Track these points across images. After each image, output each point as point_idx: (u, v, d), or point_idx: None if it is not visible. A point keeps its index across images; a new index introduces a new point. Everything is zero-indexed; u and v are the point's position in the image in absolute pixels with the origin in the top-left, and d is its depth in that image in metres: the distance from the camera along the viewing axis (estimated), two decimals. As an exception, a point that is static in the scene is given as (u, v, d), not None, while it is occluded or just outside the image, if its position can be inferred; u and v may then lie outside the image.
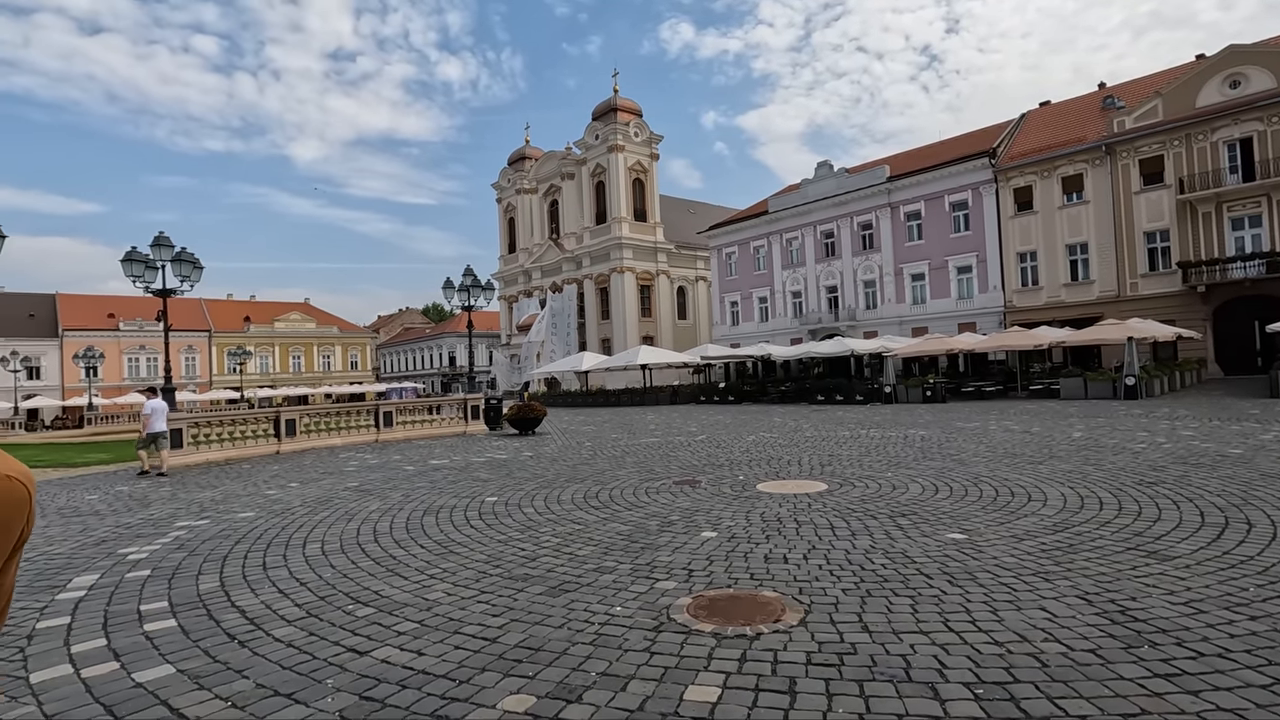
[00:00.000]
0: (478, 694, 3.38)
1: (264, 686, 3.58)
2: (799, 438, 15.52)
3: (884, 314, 41.21)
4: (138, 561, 6.43)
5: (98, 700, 3.50)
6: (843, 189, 43.33)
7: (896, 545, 5.80)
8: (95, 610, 4.99)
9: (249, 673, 3.76)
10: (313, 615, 4.68)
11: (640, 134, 60.31)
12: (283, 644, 4.17)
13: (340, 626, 4.43)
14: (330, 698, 3.41)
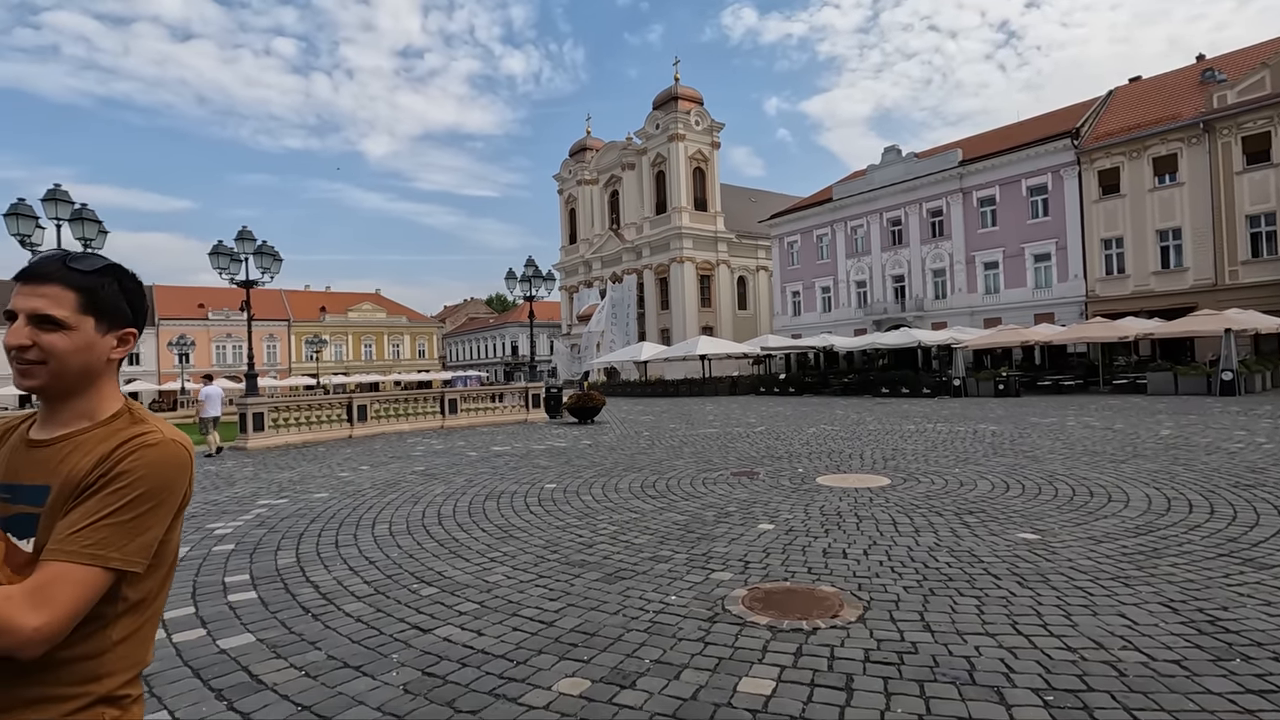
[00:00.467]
0: (534, 675, 3.46)
1: (334, 658, 3.76)
2: (861, 431, 15.15)
3: (954, 304, 39.60)
4: (223, 536, 6.85)
5: (186, 664, 3.75)
6: (911, 174, 41.77)
7: (963, 544, 5.59)
8: (185, 580, 5.35)
9: (321, 644, 3.96)
10: (380, 593, 4.88)
11: (701, 122, 59.72)
12: (352, 619, 4.37)
13: (405, 604, 4.61)
14: (395, 672, 3.56)
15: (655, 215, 60.69)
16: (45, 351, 1.13)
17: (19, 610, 0.97)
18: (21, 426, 1.24)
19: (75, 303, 1.14)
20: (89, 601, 1.03)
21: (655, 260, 60.52)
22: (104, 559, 1.03)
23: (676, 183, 58.00)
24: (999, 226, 37.81)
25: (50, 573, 1.00)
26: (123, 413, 1.20)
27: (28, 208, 12.36)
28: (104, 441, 1.12)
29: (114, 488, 1.06)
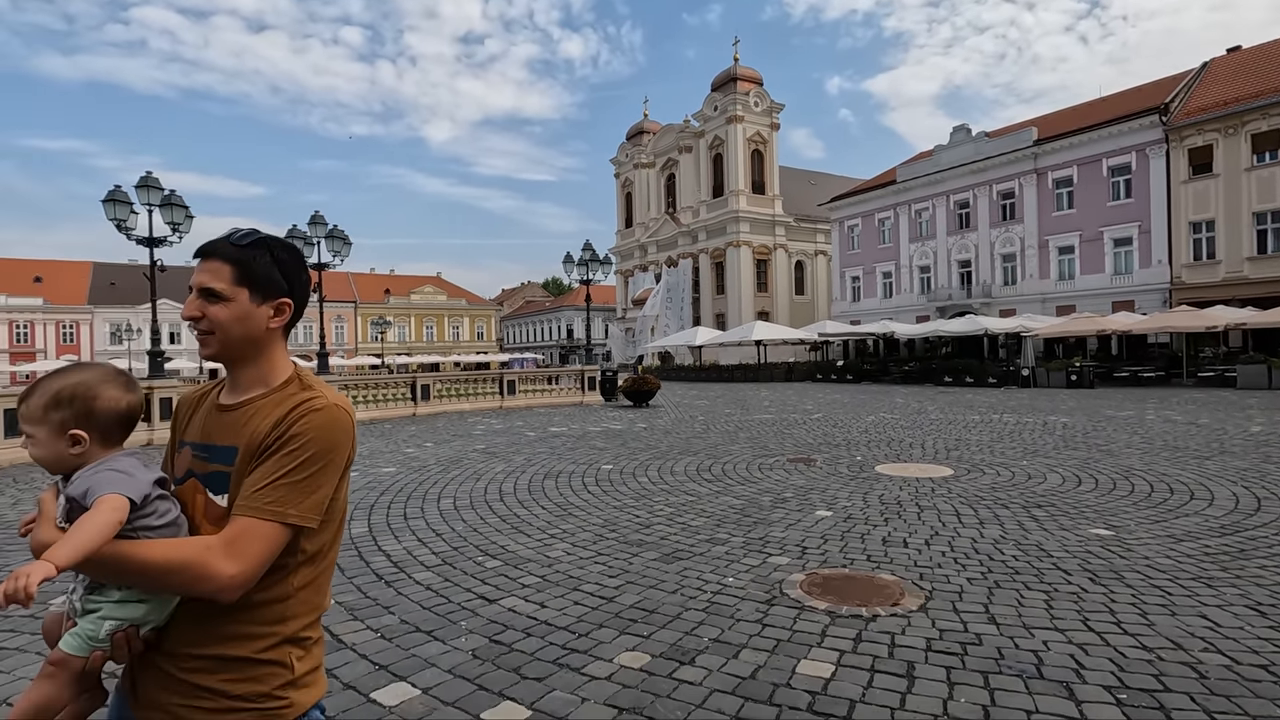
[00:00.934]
0: (595, 647, 3.57)
1: (407, 623, 3.96)
2: (922, 420, 14.77)
3: (1024, 290, 37.91)
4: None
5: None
6: (981, 154, 40.00)
7: (1030, 537, 5.43)
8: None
9: (394, 609, 4.18)
10: (447, 563, 5.10)
11: (760, 103, 58.60)
12: (422, 586, 4.59)
13: (471, 575, 4.80)
14: (464, 638, 3.73)
15: (712, 199, 60.09)
16: (211, 322, 1.22)
17: (218, 559, 1.09)
18: (213, 392, 1.36)
19: (231, 275, 1.23)
20: (273, 553, 1.15)
21: (711, 244, 60.02)
22: (283, 515, 1.14)
23: (734, 165, 57.20)
24: (1076, 209, 35.91)
25: (240, 527, 1.13)
26: (293, 379, 1.29)
27: (124, 194, 13.22)
28: (278, 406, 1.23)
29: (288, 450, 1.17)
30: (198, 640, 1.17)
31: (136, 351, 59.41)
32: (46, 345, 60.87)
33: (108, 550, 1.06)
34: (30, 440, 1.19)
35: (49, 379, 1.22)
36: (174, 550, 1.11)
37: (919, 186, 43.78)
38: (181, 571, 1.09)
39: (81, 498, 1.13)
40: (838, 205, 50.38)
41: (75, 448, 1.18)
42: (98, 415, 1.20)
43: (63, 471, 1.20)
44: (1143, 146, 33.12)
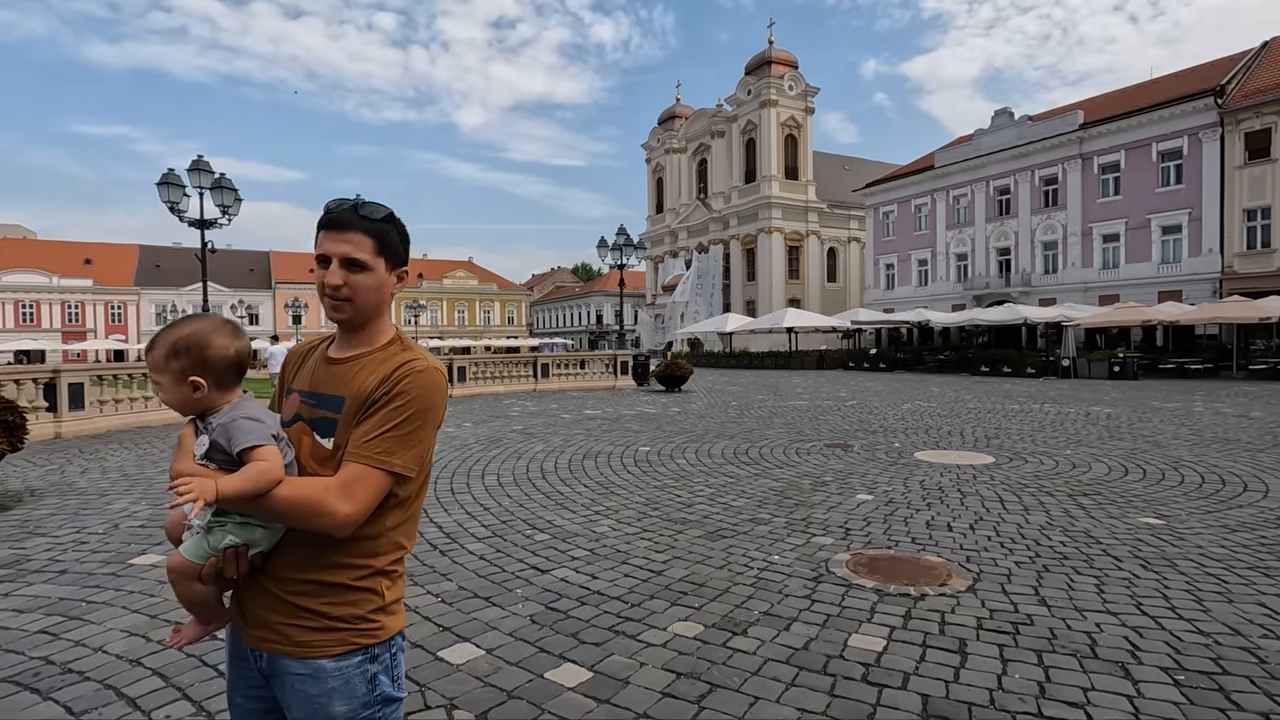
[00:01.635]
0: (649, 617, 3.67)
1: (465, 589, 4.11)
2: (960, 408, 14.59)
3: (1065, 279, 36.94)
4: (351, 479, 7.49)
5: (338, 585, 4.20)
6: (1024, 139, 38.92)
7: (1078, 524, 5.39)
8: (325, 515, 5.92)
9: (452, 577, 4.33)
10: (497, 535, 5.25)
11: (795, 87, 57.69)
12: (476, 556, 4.74)
13: (521, 547, 4.94)
14: (520, 605, 3.86)
15: (744, 184, 59.53)
16: (352, 289, 1.33)
17: (335, 499, 1.23)
18: (321, 346, 1.49)
19: (372, 247, 1.34)
20: (379, 497, 1.28)
21: (743, 230, 59.54)
22: (389, 464, 1.27)
23: (767, 150, 56.54)
24: (1122, 195, 34.80)
25: (353, 472, 1.26)
26: (395, 340, 1.42)
27: (177, 178, 13.63)
28: (383, 364, 1.35)
29: (394, 405, 1.29)
30: (301, 566, 1.31)
31: (180, 332, 61.18)
32: (97, 325, 63.03)
33: (250, 487, 1.21)
34: (158, 387, 1.32)
35: (167, 331, 1.34)
36: (298, 489, 1.24)
37: (958, 172, 42.81)
38: (303, 507, 1.22)
39: (226, 443, 1.27)
40: (873, 191, 49.53)
41: (196, 392, 1.30)
42: (211, 362, 1.31)
43: (192, 413, 1.33)
44: (1196, 130, 31.90)
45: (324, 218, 1.36)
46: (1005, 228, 40.23)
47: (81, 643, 3.37)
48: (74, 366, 11.93)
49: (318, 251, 1.35)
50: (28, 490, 7.05)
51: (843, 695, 2.84)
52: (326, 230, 1.35)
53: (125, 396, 12.67)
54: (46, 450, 9.74)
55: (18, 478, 7.70)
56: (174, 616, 3.68)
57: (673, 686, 2.92)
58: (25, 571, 4.46)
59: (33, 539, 5.23)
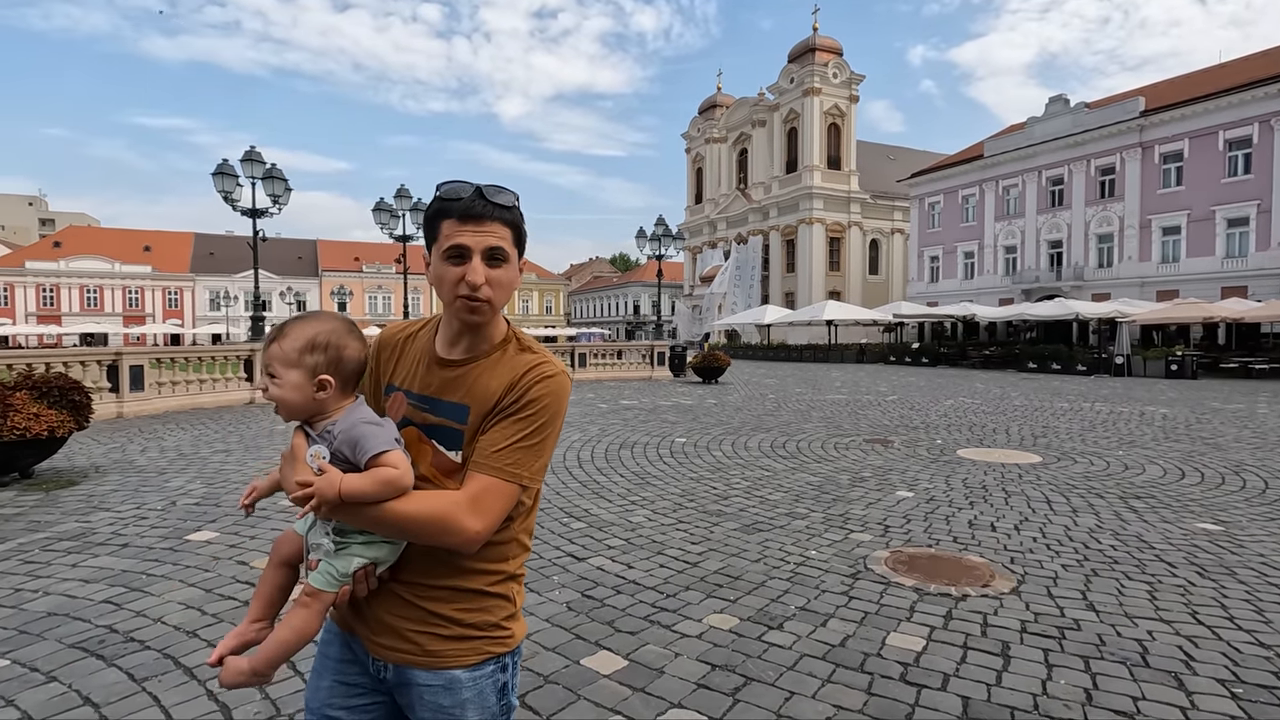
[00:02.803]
0: (684, 607, 3.68)
1: (503, 574, 4.18)
2: (1006, 405, 14.20)
3: (1121, 273, 35.53)
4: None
5: (381, 566, 4.32)
6: (1079, 127, 37.45)
7: (1129, 528, 5.21)
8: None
9: (490, 562, 4.41)
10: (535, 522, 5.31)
11: (839, 75, 56.50)
12: (513, 543, 4.81)
13: (558, 535, 5.00)
14: (557, 591, 3.91)
15: (785, 174, 58.70)
16: (494, 287, 1.20)
17: (465, 515, 1.15)
18: (422, 334, 1.35)
19: (510, 237, 1.22)
20: (508, 510, 1.21)
21: (783, 221, 58.78)
22: (519, 477, 1.19)
23: (809, 140, 55.60)
24: (1185, 186, 33.27)
25: (483, 485, 1.17)
26: (510, 337, 1.30)
27: (230, 168, 14.09)
28: (504, 365, 1.25)
29: (525, 414, 1.20)
30: (435, 572, 1.23)
31: (232, 317, 63.40)
32: (155, 310, 65.69)
33: (377, 490, 1.13)
34: (275, 381, 1.21)
35: (300, 324, 1.24)
36: (426, 504, 1.15)
37: (1008, 161, 41.47)
38: (432, 524, 1.14)
39: (351, 450, 1.16)
40: (918, 181, 48.34)
41: (320, 392, 1.21)
42: (345, 364, 1.24)
43: (302, 416, 1.23)
44: (1267, 117, 30.25)
45: (452, 204, 1.19)
46: (1058, 219, 38.87)
47: (142, 613, 3.53)
48: (135, 349, 12.47)
49: (450, 244, 1.18)
50: (93, 466, 7.41)
51: (880, 694, 2.80)
52: (461, 220, 1.18)
53: (182, 379, 13.19)
54: (109, 429, 10.21)
55: (83, 455, 8.09)
56: (227, 591, 3.83)
57: (707, 678, 2.93)
58: (91, 544, 4.70)
59: (97, 513, 5.50)
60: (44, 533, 4.96)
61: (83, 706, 2.65)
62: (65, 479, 6.76)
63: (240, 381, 14.17)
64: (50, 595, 3.77)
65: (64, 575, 4.08)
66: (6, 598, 3.73)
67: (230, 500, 5.90)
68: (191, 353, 14.06)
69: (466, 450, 1.23)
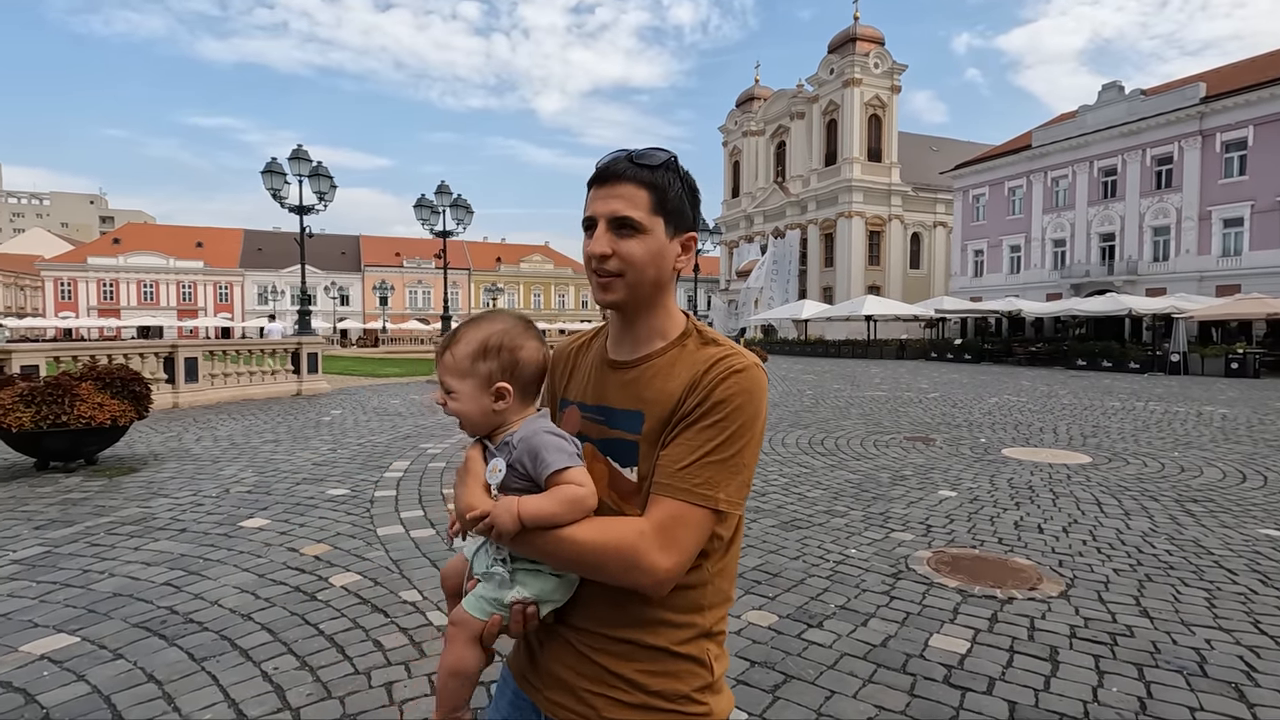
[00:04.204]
0: (722, 604, 3.67)
1: (542, 566, 4.23)
2: (1054, 404, 13.79)
3: (1178, 267, 34.10)
4: (434, 455, 7.82)
5: (424, 554, 4.42)
6: (1135, 115, 36.00)
7: (1186, 532, 5.02)
8: (411, 488, 6.22)
9: (529, 554, 4.47)
10: (573, 516, 5.36)
11: (881, 64, 55.34)
12: (552, 535, 4.86)
13: (596, 528, 5.03)
14: (596, 584, 3.94)
15: (824, 167, 57.83)
16: (623, 260, 1.03)
17: (652, 549, 0.94)
18: (595, 343, 1.20)
19: (648, 202, 1.03)
20: (702, 542, 1.00)
21: (821, 215, 57.96)
22: (713, 500, 0.98)
23: (849, 132, 54.64)
24: (1249, 175, 31.73)
25: (669, 511, 0.97)
26: (691, 330, 1.11)
27: (279, 166, 14.53)
28: (683, 363, 1.06)
29: (712, 420, 0.99)
30: (612, 620, 1.04)
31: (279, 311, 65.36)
32: (207, 304, 68.13)
33: (560, 511, 0.98)
34: (452, 395, 1.10)
35: (471, 328, 1.12)
36: (606, 533, 0.97)
37: (1057, 152, 40.13)
38: (615, 557, 0.95)
39: (531, 464, 1.03)
40: (962, 173, 47.12)
41: (499, 403, 1.09)
42: (522, 367, 1.10)
43: (484, 431, 1.12)
44: (1341, 102, 28.64)
45: (593, 174, 1.07)
46: (1110, 211, 37.48)
47: (200, 596, 3.68)
48: (189, 342, 12.95)
49: (584, 216, 1.07)
50: (151, 454, 7.74)
51: (923, 696, 2.76)
52: (595, 186, 1.06)
53: (233, 371, 13.66)
54: (166, 419, 10.64)
55: (143, 443, 8.45)
56: (279, 577, 3.97)
57: (747, 674, 2.92)
58: (151, 528, 4.92)
59: (157, 499, 5.74)
60: (108, 517, 5.20)
61: (147, 684, 2.78)
62: (126, 466, 7.08)
63: (287, 374, 14.60)
64: (115, 577, 3.95)
65: (127, 558, 4.28)
66: (75, 578, 3.93)
67: (280, 489, 6.10)
68: (242, 345, 14.54)
69: (643, 467, 1.03)
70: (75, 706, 2.60)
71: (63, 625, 3.30)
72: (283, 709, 2.62)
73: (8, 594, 3.69)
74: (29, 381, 6.80)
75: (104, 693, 2.70)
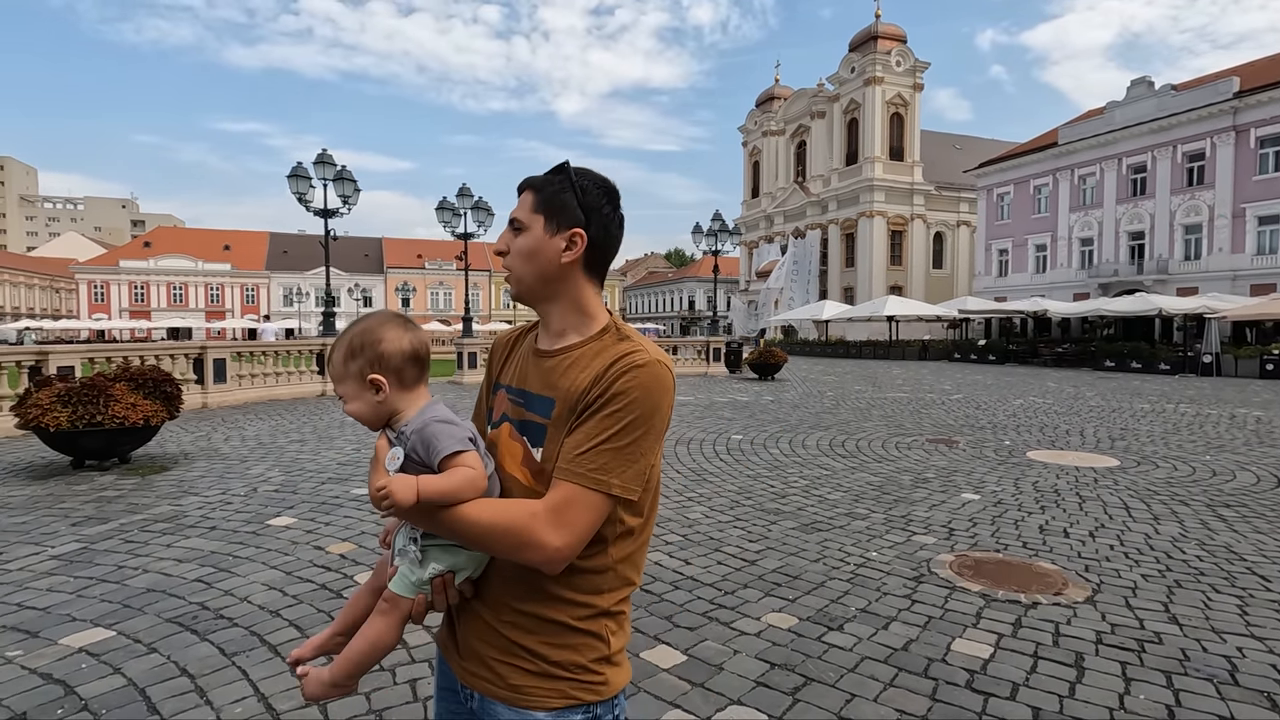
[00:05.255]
0: (742, 605, 3.68)
1: (563, 566, 4.27)
2: (1080, 406, 13.56)
3: (1210, 266, 33.28)
4: (456, 456, 7.90)
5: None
6: (1165, 111, 35.21)
7: (1217, 538, 4.92)
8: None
9: (550, 554, 4.51)
10: (593, 517, 5.40)
11: (903, 62, 54.76)
12: (573, 536, 4.90)
13: (616, 529, 5.06)
14: (616, 585, 3.96)
15: (845, 166, 57.37)
16: (513, 255, 1.16)
17: (545, 528, 1.02)
18: (530, 334, 1.28)
19: (531, 203, 1.15)
20: (595, 525, 1.06)
21: (842, 214, 57.50)
22: (606, 485, 1.04)
23: (870, 131, 54.14)
24: (1285, 172, 30.85)
25: (565, 494, 1.04)
26: (610, 328, 1.18)
27: (304, 170, 14.78)
28: (597, 357, 1.12)
29: (610, 410, 1.06)
30: (519, 594, 1.12)
31: (304, 312, 66.29)
32: (234, 306, 69.38)
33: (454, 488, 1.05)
34: (344, 399, 1.19)
35: (340, 335, 1.21)
36: (502, 513, 1.05)
37: (1084, 149, 39.40)
38: (508, 535, 1.03)
39: (424, 450, 1.10)
40: (986, 171, 46.46)
41: (379, 394, 1.16)
42: (387, 357, 1.17)
43: (378, 424, 1.19)
44: (1382, 95, 27.78)
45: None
46: (1139, 209, 36.71)
47: (230, 592, 3.77)
48: (217, 343, 13.22)
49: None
50: (182, 453, 7.92)
51: (945, 700, 2.75)
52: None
53: (260, 372, 13.92)
54: (195, 419, 10.87)
55: (174, 442, 8.65)
56: (306, 575, 4.05)
57: (767, 676, 2.93)
58: (182, 526, 5.04)
59: (187, 497, 5.88)
60: (141, 514, 5.34)
61: (180, 677, 2.85)
62: (158, 464, 7.26)
63: (312, 374, 14.85)
64: (149, 573, 4.06)
65: (160, 554, 4.39)
66: (111, 574, 4.04)
67: (306, 488, 6.21)
68: (268, 347, 14.81)
69: (548, 449, 1.11)
70: (112, 698, 2.68)
71: (99, 619, 3.40)
72: (310, 703, 2.67)
73: (47, 589, 3.81)
74: (65, 382, 7.00)
75: (139, 685, 2.78)
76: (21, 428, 6.85)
